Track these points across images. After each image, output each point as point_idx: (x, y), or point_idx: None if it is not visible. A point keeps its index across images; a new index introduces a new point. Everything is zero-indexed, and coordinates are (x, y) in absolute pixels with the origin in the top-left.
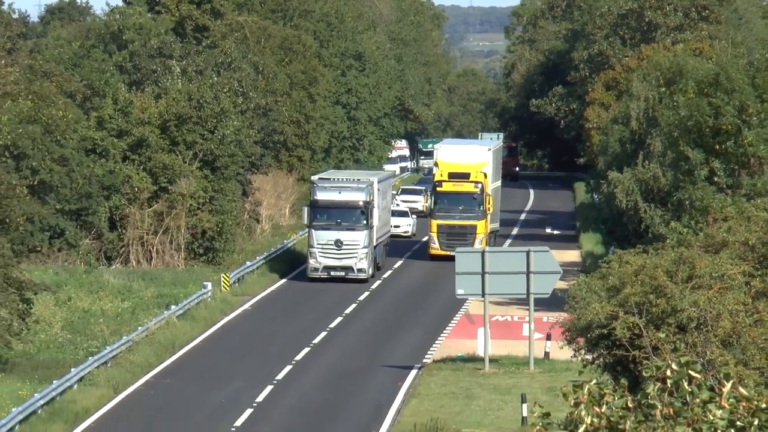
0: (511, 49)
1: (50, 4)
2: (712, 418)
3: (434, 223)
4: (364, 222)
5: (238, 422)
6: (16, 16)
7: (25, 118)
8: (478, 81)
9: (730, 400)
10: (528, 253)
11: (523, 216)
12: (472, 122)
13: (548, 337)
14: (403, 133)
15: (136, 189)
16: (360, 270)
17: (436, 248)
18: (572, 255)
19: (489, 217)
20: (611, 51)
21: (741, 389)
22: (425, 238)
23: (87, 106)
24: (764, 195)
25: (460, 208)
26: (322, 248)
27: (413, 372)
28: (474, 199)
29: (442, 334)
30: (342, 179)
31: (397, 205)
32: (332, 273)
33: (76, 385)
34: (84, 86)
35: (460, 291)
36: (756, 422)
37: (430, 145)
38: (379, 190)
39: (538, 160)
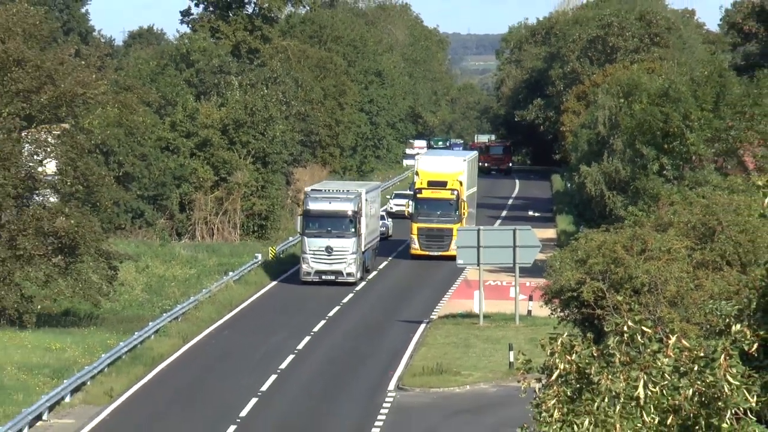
0: (501, 68)
1: (132, 31)
2: (660, 364)
3: (414, 226)
4: (353, 230)
5: (283, 365)
6: (104, 40)
7: (112, 122)
8: (475, 93)
9: (675, 349)
10: (514, 231)
11: (510, 201)
12: (469, 126)
13: (530, 299)
14: (415, 135)
15: (201, 179)
16: (349, 274)
17: (416, 249)
18: (549, 233)
19: (464, 220)
20: (581, 69)
21: (684, 341)
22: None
23: (162, 112)
24: (703, 185)
25: (438, 212)
26: (313, 254)
27: (422, 326)
28: (450, 204)
29: (443, 298)
30: (332, 190)
31: (391, 208)
32: (323, 277)
33: (153, 336)
34: (159, 97)
35: (460, 261)
36: (695, 368)
37: (440, 143)
38: (366, 200)
39: (523, 157)
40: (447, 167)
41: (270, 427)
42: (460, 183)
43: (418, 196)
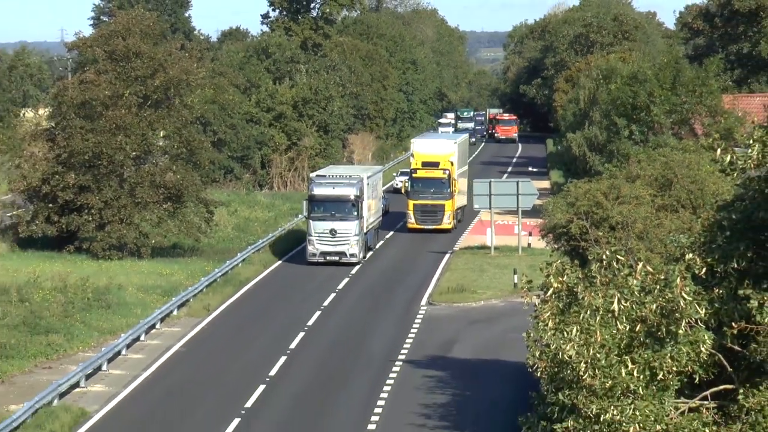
0: (507, 57)
1: (224, 30)
2: (630, 284)
3: (410, 202)
4: (355, 213)
5: (340, 286)
6: (202, 37)
7: (208, 100)
8: (487, 77)
9: (642, 273)
10: (517, 182)
11: (514, 160)
12: (483, 102)
13: (530, 234)
14: (441, 109)
15: (277, 143)
16: (352, 255)
17: (412, 223)
18: (544, 184)
19: (455, 197)
20: (569, 58)
21: (648, 267)
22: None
23: (247, 93)
24: (663, 147)
25: (432, 190)
26: (318, 236)
27: (447, 255)
28: (443, 183)
29: (462, 235)
30: (336, 176)
31: (397, 184)
32: (328, 258)
33: (240, 264)
34: (245, 80)
35: (476, 206)
36: (658, 287)
37: (465, 113)
38: (368, 184)
39: (524, 126)
40: (439, 149)
41: (332, 330)
42: (451, 163)
43: (414, 175)
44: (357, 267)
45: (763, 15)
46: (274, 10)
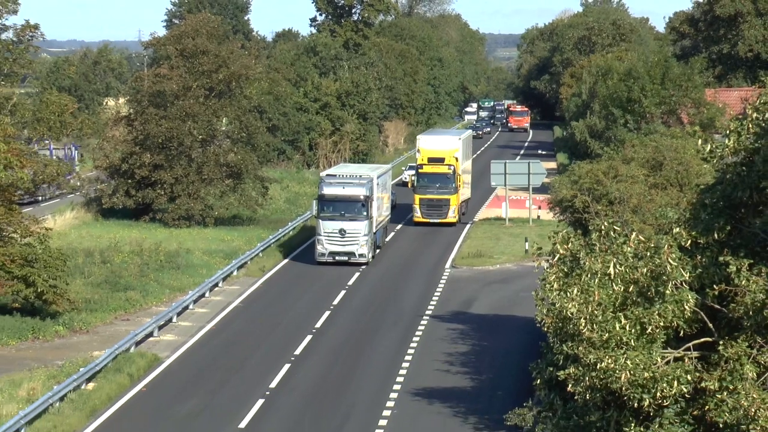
0: (520, 56)
1: (278, 31)
2: (625, 251)
3: (417, 197)
4: (365, 213)
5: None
6: (259, 38)
7: (264, 91)
8: (502, 73)
9: (635, 242)
10: (528, 163)
11: (525, 144)
12: (499, 94)
13: (539, 208)
14: (464, 101)
15: (323, 129)
16: (361, 255)
17: (418, 216)
18: (552, 164)
19: (460, 191)
20: (573, 57)
21: (641, 236)
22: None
23: (298, 85)
24: (654, 133)
25: (437, 185)
26: (327, 236)
27: (468, 225)
28: (448, 178)
29: (471, 221)
30: (346, 175)
31: (405, 178)
32: (337, 258)
33: (291, 231)
34: (295, 75)
35: (493, 183)
36: (648, 254)
37: (485, 103)
38: (378, 183)
39: (534, 115)
40: (444, 145)
41: (368, 289)
42: (456, 159)
43: (419, 171)
44: (390, 235)
45: (741, 20)
46: (320, 14)
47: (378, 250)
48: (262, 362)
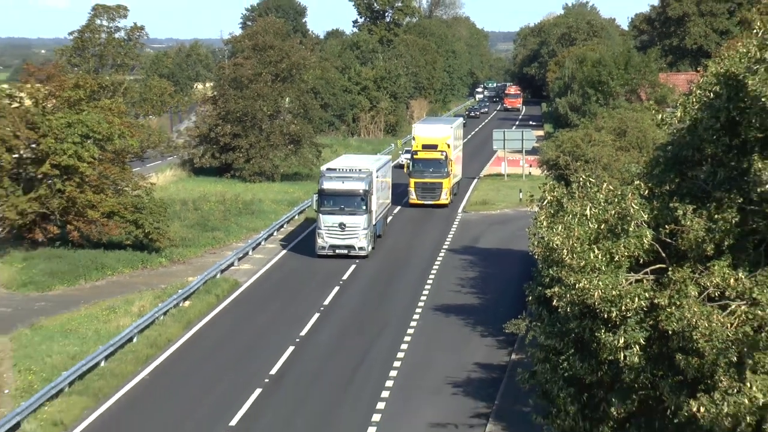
0: (515, 49)
1: (329, 30)
2: (597, 198)
3: (412, 180)
4: (364, 207)
5: (396, 210)
6: (314, 35)
7: (318, 77)
8: (502, 62)
9: (606, 191)
10: (522, 131)
11: (519, 117)
12: (499, 79)
13: (530, 166)
14: (471, 83)
15: (363, 106)
16: (360, 248)
17: (414, 199)
18: (540, 132)
19: (452, 175)
20: (557, 49)
21: (610, 186)
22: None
23: (343, 72)
24: (619, 108)
25: (431, 170)
26: (328, 230)
27: (475, 180)
28: (440, 163)
29: (477, 176)
30: (346, 169)
31: (402, 161)
32: (337, 251)
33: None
34: (342, 64)
35: (495, 147)
36: (616, 200)
37: (489, 84)
38: (377, 177)
39: (526, 95)
40: (437, 133)
41: (397, 233)
42: (448, 146)
43: (414, 156)
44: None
45: (687, 20)
46: (361, 17)
47: (379, 237)
48: (317, 286)
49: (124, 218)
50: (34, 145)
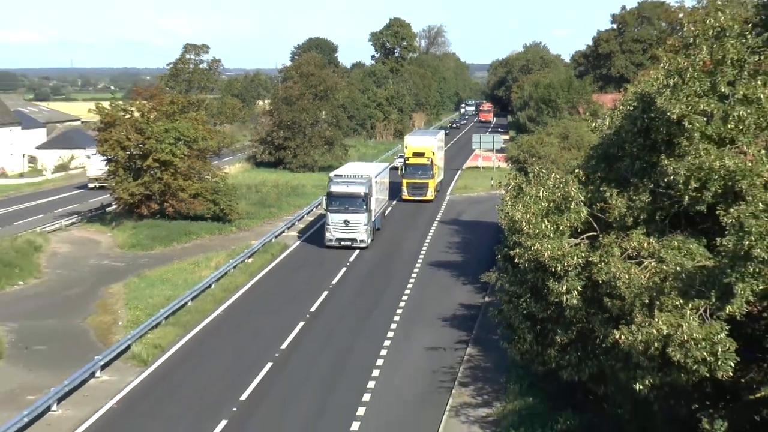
0: (489, 77)
1: (353, 62)
2: (548, 184)
3: (404, 181)
4: (364, 207)
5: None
6: (343, 66)
7: (346, 97)
8: (478, 86)
9: (554, 178)
10: (493, 135)
11: (491, 126)
12: (477, 98)
13: (499, 160)
14: (456, 101)
15: (378, 117)
16: (361, 240)
17: (406, 195)
18: (506, 136)
19: (436, 177)
20: (519, 77)
21: (556, 176)
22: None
23: (364, 93)
24: (563, 119)
25: (419, 172)
26: (335, 225)
27: (458, 172)
28: (427, 167)
29: (460, 168)
30: (350, 175)
31: (396, 164)
32: (342, 243)
33: None
34: (363, 87)
35: (473, 147)
36: (561, 185)
37: (470, 102)
38: (376, 181)
39: (496, 109)
40: (424, 143)
41: (399, 213)
42: (433, 153)
43: (406, 162)
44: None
45: (612, 55)
46: (377, 53)
47: (378, 230)
48: (343, 249)
49: (206, 198)
50: (141, 145)
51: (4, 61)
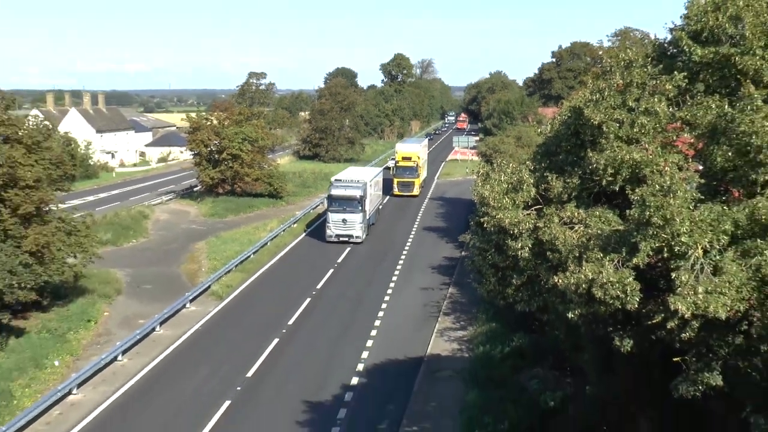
0: (464, 95)
1: (369, 85)
2: (507, 170)
3: (395, 180)
4: (360, 208)
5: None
6: (361, 88)
7: (363, 109)
8: (457, 102)
9: (511, 167)
10: (468, 137)
11: (466, 131)
12: (456, 111)
13: (473, 155)
14: (442, 112)
15: (386, 124)
16: (357, 237)
17: (396, 191)
18: (477, 138)
19: (421, 176)
20: (486, 95)
21: (513, 165)
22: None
23: (376, 107)
24: (517, 125)
25: (407, 173)
26: (334, 223)
27: (443, 163)
28: (414, 169)
29: (445, 160)
30: (348, 180)
31: (389, 165)
32: (340, 238)
33: (373, 163)
34: (375, 102)
35: (453, 145)
36: (517, 172)
37: (451, 114)
38: (371, 185)
39: (470, 119)
40: (411, 149)
41: (397, 198)
42: (418, 157)
43: (396, 164)
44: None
45: (552, 80)
46: (386, 78)
47: (373, 225)
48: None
49: (264, 181)
50: (218, 144)
51: (122, 85)
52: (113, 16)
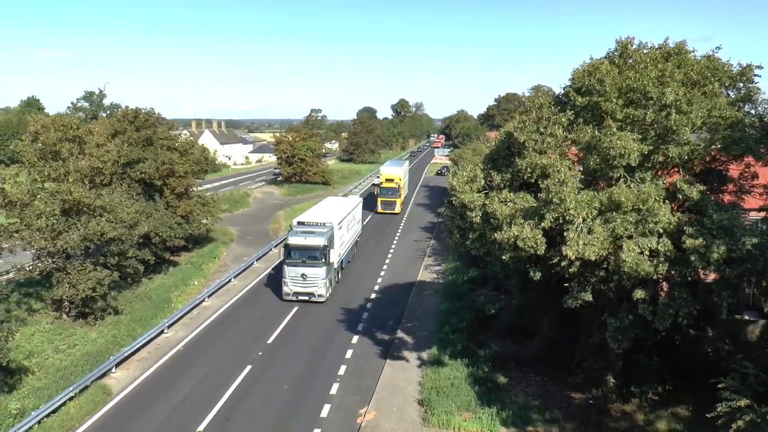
0: (442, 123)
1: (382, 117)
2: (468, 169)
3: (379, 199)
4: (323, 260)
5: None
6: (378, 119)
7: (379, 132)
8: (437, 127)
9: (471, 166)
10: (444, 150)
11: (440, 148)
12: (437, 132)
13: (447, 160)
14: (427, 135)
15: (393, 141)
16: (319, 295)
17: (379, 209)
18: (449, 150)
19: (402, 195)
20: (454, 125)
21: (471, 165)
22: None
23: (387, 130)
24: (474, 142)
25: (390, 193)
26: (291, 279)
27: (428, 165)
28: (395, 190)
29: (429, 162)
30: (313, 222)
31: (374, 183)
32: (299, 297)
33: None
34: (387, 127)
35: (435, 154)
36: (474, 170)
37: (433, 136)
38: (340, 227)
39: (446, 139)
40: (393, 172)
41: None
42: (400, 179)
43: (380, 185)
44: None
45: (495, 115)
46: (393, 112)
47: (349, 263)
48: (370, 207)
49: (319, 174)
50: (291, 151)
51: (235, 115)
52: (235, 75)
